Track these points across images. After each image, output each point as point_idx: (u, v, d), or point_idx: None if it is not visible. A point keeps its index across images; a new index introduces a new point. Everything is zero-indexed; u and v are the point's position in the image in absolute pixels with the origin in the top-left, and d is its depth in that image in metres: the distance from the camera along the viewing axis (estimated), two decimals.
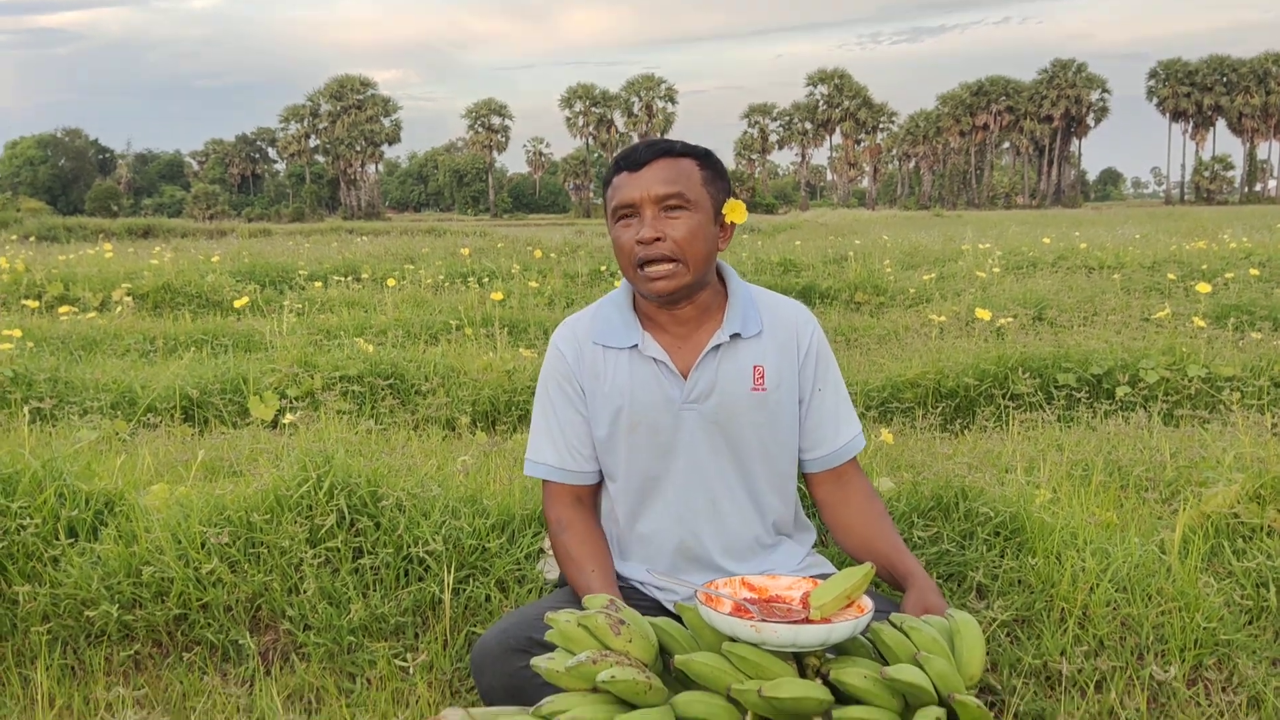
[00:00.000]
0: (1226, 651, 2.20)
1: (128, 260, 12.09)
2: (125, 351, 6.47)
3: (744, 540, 1.98)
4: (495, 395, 4.78)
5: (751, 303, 1.98)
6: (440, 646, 2.34)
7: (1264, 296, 7.28)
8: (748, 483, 1.97)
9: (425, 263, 12.36)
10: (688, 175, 1.87)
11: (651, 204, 1.85)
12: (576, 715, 1.50)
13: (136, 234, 32.83)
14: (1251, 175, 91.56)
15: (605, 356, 1.96)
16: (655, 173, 1.86)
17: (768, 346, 1.95)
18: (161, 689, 2.35)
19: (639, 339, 1.94)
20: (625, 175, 1.88)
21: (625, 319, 1.97)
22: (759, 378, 1.93)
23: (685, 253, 1.84)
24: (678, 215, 1.85)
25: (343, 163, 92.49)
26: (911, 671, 1.54)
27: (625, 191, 1.87)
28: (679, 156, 1.88)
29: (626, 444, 1.95)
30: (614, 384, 1.94)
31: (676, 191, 1.85)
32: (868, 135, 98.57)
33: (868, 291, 9.19)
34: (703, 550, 1.96)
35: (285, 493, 2.55)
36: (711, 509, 1.95)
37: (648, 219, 1.85)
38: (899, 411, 4.64)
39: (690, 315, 1.94)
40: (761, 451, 1.95)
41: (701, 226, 1.86)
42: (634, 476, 1.96)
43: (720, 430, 1.93)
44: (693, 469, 1.94)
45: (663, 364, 1.92)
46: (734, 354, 1.93)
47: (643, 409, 1.93)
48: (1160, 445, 3.42)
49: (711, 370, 1.92)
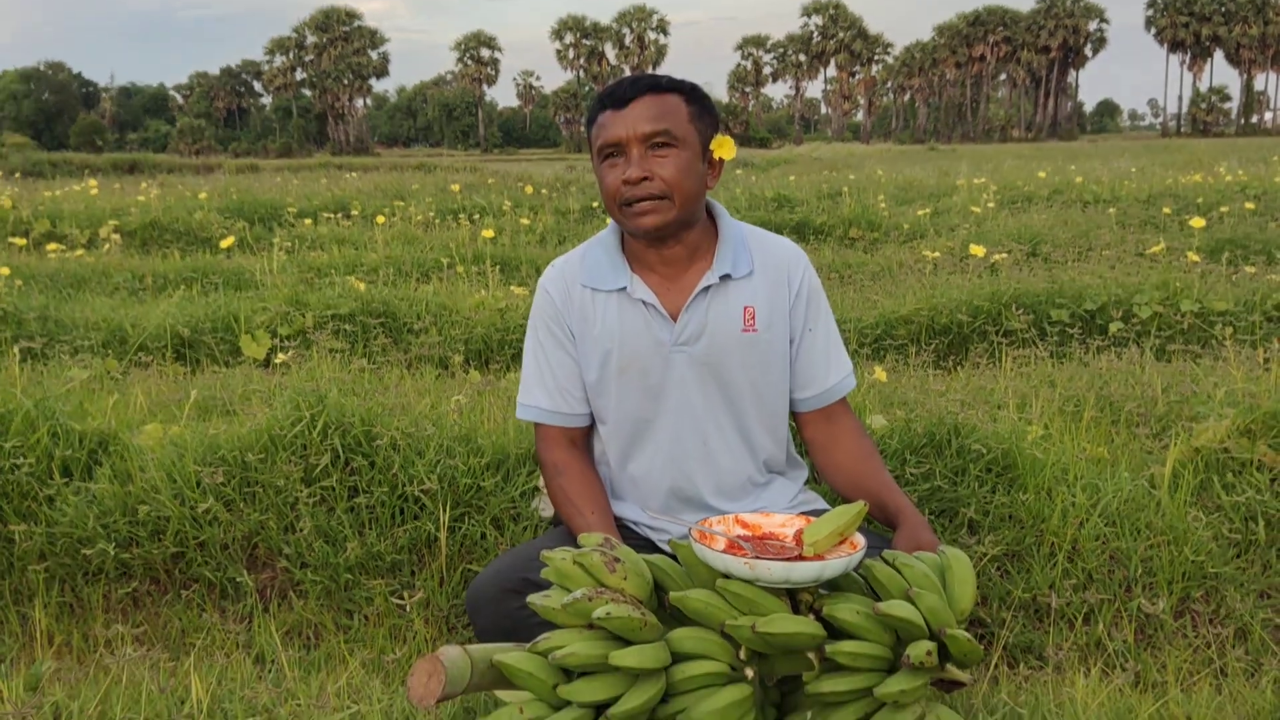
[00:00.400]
0: (1214, 584, 2.23)
1: (114, 197, 11.96)
2: (114, 289, 6.43)
3: (736, 480, 1.98)
4: (488, 334, 4.77)
5: (742, 242, 1.94)
6: (436, 584, 2.36)
7: (1259, 230, 7.26)
8: (739, 423, 1.96)
9: (415, 199, 12.25)
10: (674, 111, 1.82)
11: (638, 142, 1.81)
12: (573, 651, 1.52)
13: (122, 169, 32.47)
14: (1248, 107, 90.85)
15: (594, 299, 1.94)
16: (641, 110, 1.81)
17: (759, 287, 1.93)
18: (160, 626, 2.37)
19: (627, 281, 1.91)
20: (610, 113, 1.83)
21: (613, 261, 1.93)
22: (750, 319, 1.91)
23: (672, 190, 1.81)
24: (665, 154, 1.81)
25: (330, 96, 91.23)
26: (903, 607, 1.56)
27: (610, 130, 1.82)
28: (665, 92, 1.83)
29: (616, 387, 1.93)
30: (603, 327, 1.92)
31: (663, 129, 1.80)
32: (862, 67, 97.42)
33: (862, 227, 9.14)
34: (694, 491, 1.96)
35: (279, 432, 2.55)
36: (703, 450, 1.95)
37: (634, 158, 1.81)
38: (892, 348, 4.65)
39: (679, 255, 1.91)
40: (753, 392, 1.94)
41: (689, 164, 1.82)
42: (625, 419, 1.95)
43: (711, 372, 1.92)
44: (683, 411, 1.93)
45: (652, 307, 1.90)
46: (724, 295, 1.91)
47: (632, 352, 1.91)
48: (1152, 380, 3.43)
49: (701, 312, 1.90)
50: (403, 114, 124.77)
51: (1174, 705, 1.77)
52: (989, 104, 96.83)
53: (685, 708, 1.56)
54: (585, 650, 1.52)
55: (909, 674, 1.53)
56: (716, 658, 1.59)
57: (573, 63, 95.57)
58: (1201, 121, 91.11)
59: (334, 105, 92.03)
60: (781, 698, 1.75)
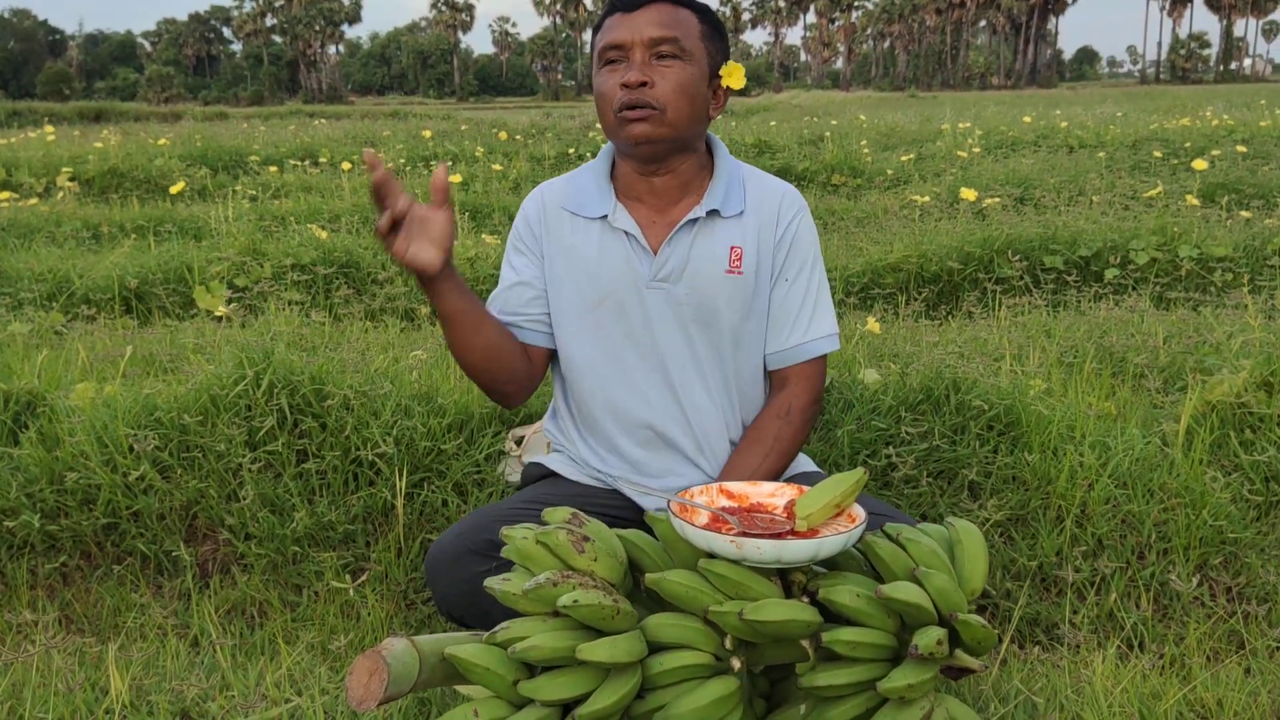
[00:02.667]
0: (1234, 550, 2.07)
1: (73, 144, 11.53)
2: (65, 239, 6.13)
3: (715, 431, 1.82)
4: None
5: (738, 180, 1.80)
6: (394, 555, 2.17)
7: (1250, 174, 7.08)
8: (722, 370, 1.81)
9: (386, 146, 11.90)
10: (685, 23, 1.70)
11: (642, 47, 1.68)
12: (535, 644, 1.33)
13: (88, 118, 31.68)
14: (1228, 53, 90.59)
15: (573, 224, 1.80)
16: (651, 14, 1.68)
17: (749, 227, 1.78)
18: (91, 604, 2.17)
19: (610, 209, 1.77)
20: (618, 16, 1.71)
21: (600, 187, 1.80)
22: (735, 260, 1.76)
23: (670, 104, 1.67)
24: (669, 64, 1.68)
25: (301, 43, 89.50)
26: (909, 589, 1.37)
27: (615, 32, 1.70)
28: (678, 4, 1.71)
29: (591, 321, 1.79)
30: (581, 254, 1.78)
31: (671, 36, 1.68)
32: (842, 14, 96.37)
33: (845, 173, 8.90)
34: (671, 440, 1.80)
35: (220, 391, 2.33)
36: (682, 396, 1.79)
37: (636, 62, 1.68)
38: (880, 297, 4.45)
39: (670, 186, 1.77)
40: (734, 339, 1.79)
41: (693, 81, 1.69)
42: (598, 357, 1.80)
43: (692, 314, 1.77)
44: (661, 353, 1.78)
45: (633, 238, 1.76)
46: (710, 232, 1.76)
47: (608, 284, 1.76)
48: (1154, 330, 3.26)
49: (684, 247, 1.75)
50: (376, 61, 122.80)
51: (1202, 689, 1.61)
52: (969, 51, 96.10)
53: (664, 704, 1.38)
54: (549, 643, 1.33)
55: (916, 665, 1.35)
56: (699, 647, 1.41)
57: (549, 9, 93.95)
58: (1180, 68, 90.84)
59: (306, 52, 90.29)
60: (770, 686, 1.57)
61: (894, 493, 2.23)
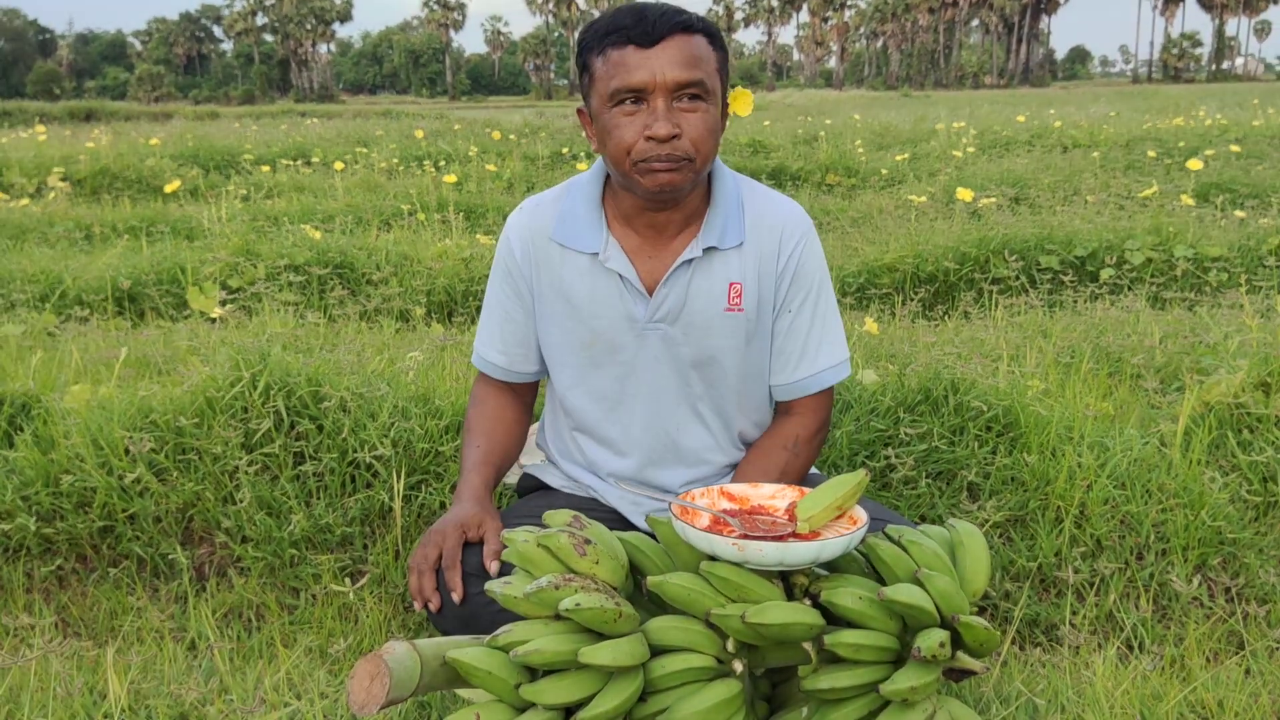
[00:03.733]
0: (1233, 550, 2.07)
1: (64, 144, 11.49)
2: (57, 240, 6.11)
3: (713, 463, 1.78)
4: (451, 284, 4.53)
5: (737, 207, 1.68)
6: (391, 558, 2.16)
7: (1244, 174, 7.10)
8: (720, 407, 1.74)
9: (379, 146, 11.87)
10: (705, 59, 1.55)
11: (665, 93, 1.52)
12: (537, 647, 1.32)
13: (79, 117, 31.59)
14: (1220, 52, 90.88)
15: (563, 257, 1.69)
16: (673, 53, 1.51)
17: (749, 260, 1.67)
18: (87, 607, 2.15)
19: (601, 246, 1.66)
20: (632, 50, 1.52)
21: (590, 217, 1.68)
22: (735, 296, 1.66)
23: (699, 151, 1.54)
24: (694, 108, 1.53)
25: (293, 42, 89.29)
26: (911, 591, 1.37)
27: (634, 73, 1.51)
28: (693, 33, 1.54)
29: (582, 359, 1.72)
30: (571, 293, 1.69)
31: (697, 79, 1.52)
32: (835, 13, 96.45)
33: (839, 173, 8.91)
34: (663, 476, 1.77)
35: (216, 394, 2.32)
36: (677, 436, 1.74)
37: (660, 110, 1.51)
38: (876, 298, 4.45)
39: (672, 219, 1.65)
40: (736, 376, 1.72)
41: (717, 121, 1.57)
42: (589, 395, 1.75)
43: (690, 354, 1.69)
44: (656, 394, 1.72)
45: (626, 280, 1.66)
46: (708, 269, 1.66)
47: (601, 324, 1.68)
48: (1150, 329, 3.26)
49: (681, 288, 1.65)
50: (368, 60, 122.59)
51: (1203, 690, 1.61)
52: (961, 50, 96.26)
53: (666, 707, 1.37)
54: (551, 646, 1.33)
55: (919, 668, 1.35)
56: (701, 650, 1.40)
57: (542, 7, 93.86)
58: (1173, 67, 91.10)
59: (297, 51, 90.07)
60: (773, 689, 1.57)
61: (893, 494, 2.23)
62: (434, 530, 1.61)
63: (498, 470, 1.77)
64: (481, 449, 1.76)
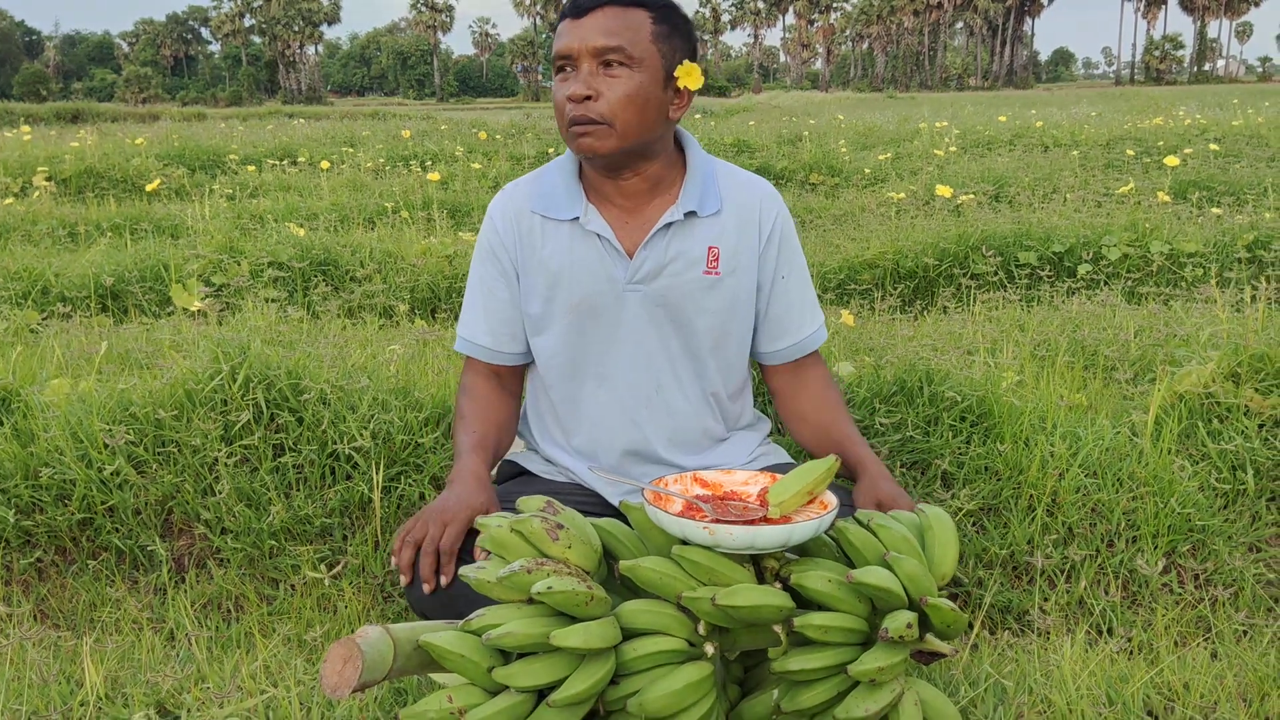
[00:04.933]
0: (1201, 538, 2.10)
1: (49, 144, 11.44)
2: (41, 238, 6.09)
3: (692, 432, 1.83)
4: (435, 281, 4.54)
5: (712, 177, 1.78)
6: (371, 549, 2.17)
7: (1222, 172, 7.16)
8: (698, 371, 1.81)
9: (365, 146, 11.86)
10: (635, 28, 1.64)
11: (589, 56, 1.63)
12: (509, 630, 1.33)
13: (65, 119, 31.44)
14: (1201, 54, 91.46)
15: (544, 227, 1.77)
16: (597, 21, 1.63)
17: (726, 226, 1.77)
18: (67, 599, 2.16)
19: (581, 211, 1.75)
20: (567, 22, 1.67)
21: (569, 188, 1.77)
22: (713, 260, 1.75)
23: (617, 116, 1.63)
24: (616, 73, 1.64)
25: (280, 44, 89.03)
26: (879, 574, 1.39)
27: (564, 40, 1.66)
28: (629, 6, 1.65)
29: (564, 324, 1.78)
30: (553, 258, 1.76)
31: (616, 45, 1.63)
32: (821, 15, 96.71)
33: (823, 172, 8.95)
34: (646, 443, 1.81)
35: (195, 386, 2.33)
36: (657, 398, 1.80)
37: (583, 73, 1.64)
38: (857, 294, 4.48)
39: (638, 188, 1.75)
40: (712, 339, 1.79)
41: (642, 88, 1.64)
42: (573, 361, 1.80)
43: (668, 314, 1.76)
44: (637, 355, 1.78)
45: (606, 241, 1.74)
46: (688, 233, 1.75)
47: (583, 288, 1.75)
48: (1125, 323, 3.30)
49: (660, 250, 1.74)
50: (356, 62, 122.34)
51: (1169, 672, 1.63)
52: (946, 52, 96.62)
53: (638, 689, 1.39)
54: (523, 629, 1.34)
55: (886, 649, 1.37)
56: (672, 633, 1.42)
57: (529, 9, 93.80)
58: (1155, 69, 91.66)
59: (285, 53, 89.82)
60: (745, 672, 1.59)
61: None
62: (437, 509, 1.61)
63: (494, 455, 1.80)
64: (476, 433, 1.78)
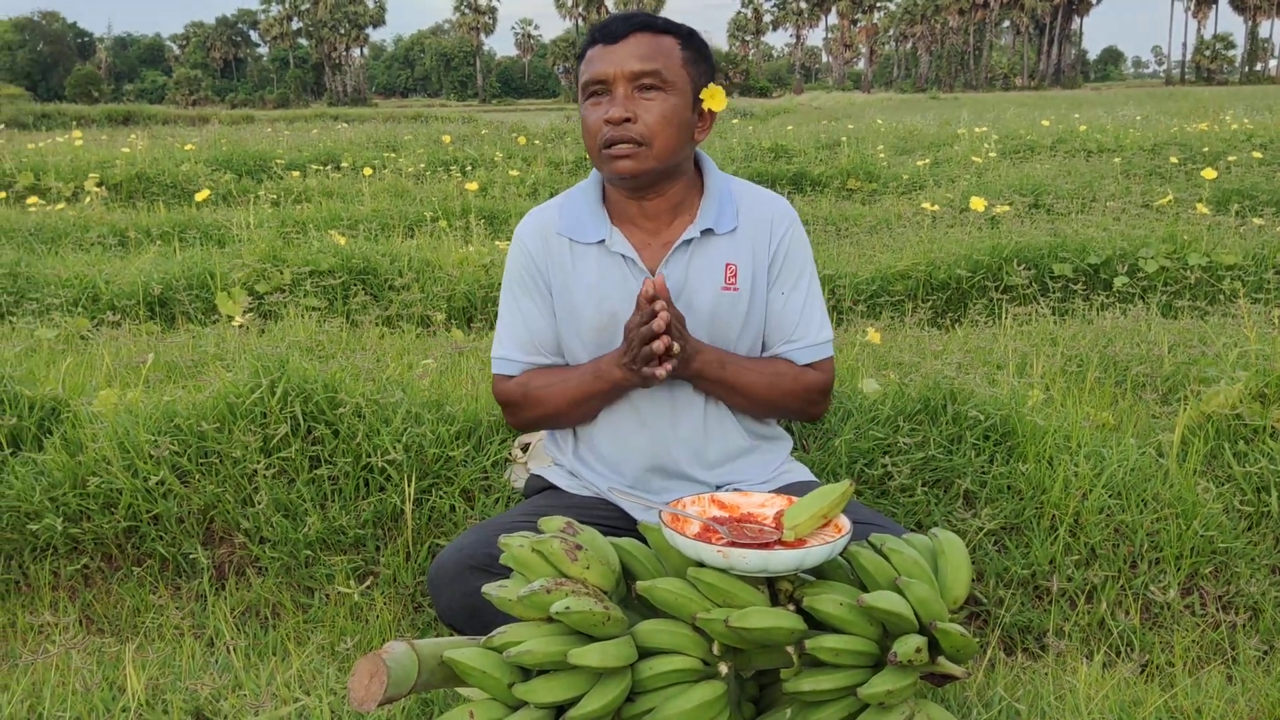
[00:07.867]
0: (1224, 560, 2.10)
1: (100, 149, 11.71)
2: (92, 245, 6.25)
3: (714, 446, 1.87)
4: (471, 290, 4.61)
5: (728, 196, 1.85)
6: (402, 559, 2.24)
7: (1266, 180, 7.05)
8: None
9: (407, 150, 12.00)
10: (667, 53, 1.72)
11: (625, 81, 1.71)
12: (529, 648, 1.39)
13: (117, 121, 32.11)
14: (1252, 54, 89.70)
15: (572, 250, 1.84)
16: (632, 48, 1.71)
17: (742, 243, 1.83)
18: (111, 604, 2.25)
19: (607, 234, 1.82)
20: (599, 48, 1.73)
21: (593, 212, 1.84)
22: (731, 276, 1.81)
23: (654, 137, 1.71)
24: (652, 96, 1.71)
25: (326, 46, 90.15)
26: (890, 598, 1.42)
27: (598, 66, 1.72)
28: (660, 33, 1.74)
29: (593, 343, 1.83)
30: (581, 280, 1.83)
31: (653, 69, 1.70)
32: (864, 15, 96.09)
33: (860, 178, 8.93)
34: (669, 457, 1.86)
35: (236, 399, 2.41)
36: (681, 413, 1.85)
37: (619, 97, 1.71)
38: (888, 305, 4.49)
39: (661, 209, 1.82)
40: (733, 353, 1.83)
41: (676, 111, 1.72)
42: None
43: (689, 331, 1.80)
44: None
45: (631, 261, 1.80)
46: (706, 251, 1.81)
47: (610, 308, 1.81)
48: (1158, 339, 3.28)
49: (681, 267, 1.80)
50: (400, 64, 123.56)
51: (1183, 696, 1.65)
52: (992, 52, 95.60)
53: (653, 707, 1.43)
54: (542, 648, 1.39)
55: (896, 672, 1.40)
56: (687, 653, 1.46)
57: (571, 10, 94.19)
58: (1205, 69, 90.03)
59: (331, 55, 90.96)
60: (759, 691, 1.63)
61: (890, 501, 2.27)
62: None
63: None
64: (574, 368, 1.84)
